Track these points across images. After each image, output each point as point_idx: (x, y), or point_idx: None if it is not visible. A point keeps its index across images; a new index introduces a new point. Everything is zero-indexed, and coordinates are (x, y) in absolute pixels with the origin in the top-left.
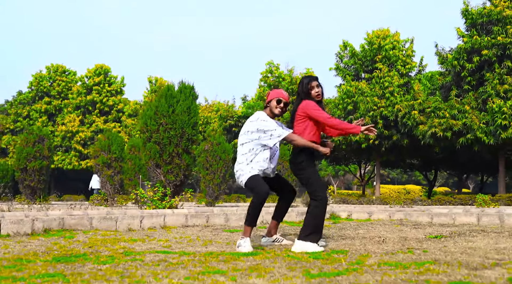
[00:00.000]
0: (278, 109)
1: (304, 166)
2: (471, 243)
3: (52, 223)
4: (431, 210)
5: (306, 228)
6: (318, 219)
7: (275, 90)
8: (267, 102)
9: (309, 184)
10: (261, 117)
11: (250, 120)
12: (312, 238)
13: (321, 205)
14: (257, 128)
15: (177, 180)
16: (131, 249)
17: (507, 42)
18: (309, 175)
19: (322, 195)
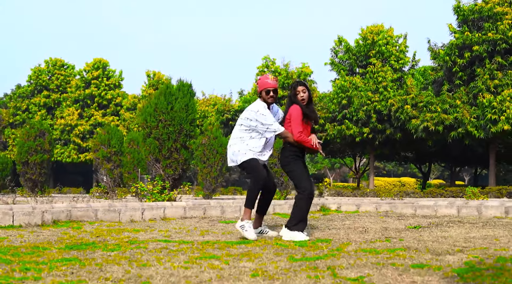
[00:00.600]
0: (270, 99)
1: (290, 160)
2: (445, 232)
3: (60, 215)
4: (418, 202)
5: (292, 218)
6: (303, 210)
7: (261, 80)
8: (259, 93)
9: (293, 177)
10: (260, 111)
11: (251, 109)
12: (299, 227)
13: (305, 196)
14: (256, 119)
15: (175, 173)
16: (135, 238)
17: (497, 39)
18: (294, 169)
19: (305, 187)
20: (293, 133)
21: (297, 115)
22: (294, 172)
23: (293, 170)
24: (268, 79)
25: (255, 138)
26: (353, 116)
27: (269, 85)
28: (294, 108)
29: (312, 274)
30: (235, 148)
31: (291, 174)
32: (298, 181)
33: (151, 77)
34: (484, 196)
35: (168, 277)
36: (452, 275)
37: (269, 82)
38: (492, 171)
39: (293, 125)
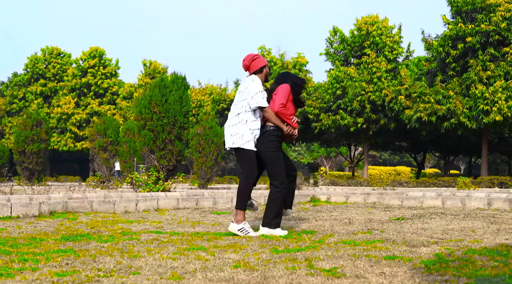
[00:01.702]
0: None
1: (271, 146)
2: (426, 224)
3: (57, 206)
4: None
5: (268, 214)
6: (278, 205)
7: (259, 57)
8: (260, 68)
9: (273, 167)
10: (251, 77)
11: (245, 80)
12: (274, 223)
13: (280, 190)
14: (246, 86)
15: (169, 164)
16: (128, 229)
17: (490, 30)
18: (277, 158)
19: (280, 179)
20: (274, 106)
21: (285, 90)
22: (277, 162)
23: (276, 159)
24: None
25: (249, 113)
26: (347, 106)
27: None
28: (283, 85)
29: (290, 265)
30: (235, 130)
31: (272, 163)
32: (278, 172)
33: (148, 66)
34: (476, 186)
35: (156, 268)
36: (420, 266)
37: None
38: (484, 161)
39: (277, 98)
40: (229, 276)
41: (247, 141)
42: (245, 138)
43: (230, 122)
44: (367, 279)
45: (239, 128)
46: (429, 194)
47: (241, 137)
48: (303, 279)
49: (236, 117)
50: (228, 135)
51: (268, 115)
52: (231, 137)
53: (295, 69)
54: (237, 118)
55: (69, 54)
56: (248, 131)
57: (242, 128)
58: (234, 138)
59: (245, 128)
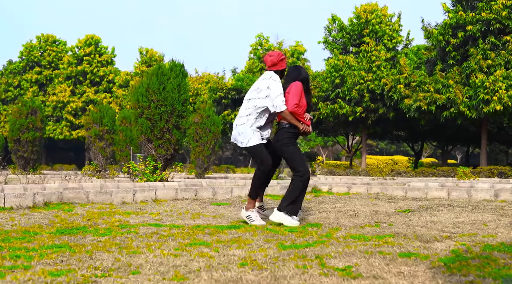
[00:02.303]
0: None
1: (290, 142)
2: (434, 217)
3: (52, 196)
4: (409, 183)
5: (285, 199)
6: (298, 192)
7: (280, 52)
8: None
9: (292, 159)
10: (273, 77)
11: (262, 77)
12: (290, 209)
13: (303, 179)
14: (267, 86)
15: (167, 154)
16: (126, 222)
17: (491, 18)
18: (294, 151)
19: (303, 170)
20: (287, 106)
21: (297, 89)
22: (294, 154)
23: (293, 152)
24: None
25: (261, 115)
26: (346, 95)
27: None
28: (295, 83)
29: (300, 263)
30: (242, 129)
31: (290, 156)
32: (299, 163)
33: (144, 54)
34: (475, 176)
35: (158, 266)
36: (439, 265)
37: None
38: (483, 151)
39: (290, 97)
40: (236, 276)
41: (250, 138)
42: (247, 136)
43: (239, 121)
44: (386, 280)
45: (244, 128)
46: (431, 184)
47: (244, 137)
48: (316, 279)
49: (246, 117)
50: (236, 133)
51: (284, 115)
52: (239, 136)
53: (293, 57)
54: (245, 118)
55: (65, 41)
56: (249, 129)
57: (246, 129)
58: (241, 138)
59: (248, 128)
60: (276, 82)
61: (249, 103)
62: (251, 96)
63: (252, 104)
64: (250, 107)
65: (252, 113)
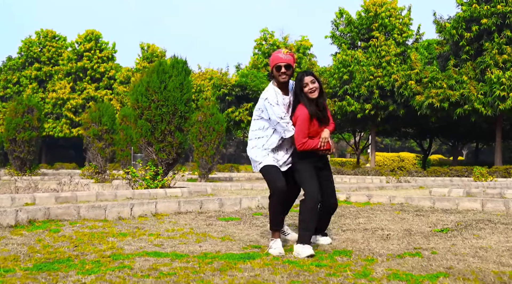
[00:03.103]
0: (282, 76)
1: (298, 159)
2: (481, 240)
3: (37, 213)
4: (430, 188)
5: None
6: (306, 219)
7: (273, 55)
8: (271, 72)
9: (298, 179)
10: (269, 99)
11: (261, 96)
12: (302, 239)
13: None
14: (266, 108)
15: (169, 158)
16: (120, 250)
17: (507, 11)
18: (299, 168)
19: (309, 191)
20: (295, 141)
21: (303, 120)
22: (299, 172)
23: (298, 169)
24: (280, 53)
25: (271, 135)
26: (354, 92)
27: (280, 60)
28: (300, 110)
29: None
30: (254, 152)
31: (297, 178)
32: (303, 186)
33: (145, 50)
34: (492, 177)
35: None
36: None
37: (280, 56)
38: (498, 149)
39: (296, 131)
40: None
41: (260, 162)
42: (258, 159)
43: (250, 144)
44: None
45: (256, 152)
46: (456, 191)
47: (255, 160)
48: None
49: (255, 140)
50: (251, 158)
51: None
52: (252, 161)
53: (299, 53)
54: (255, 141)
55: (65, 37)
56: (262, 151)
57: (257, 152)
58: (254, 163)
59: (260, 150)
60: (272, 106)
61: (256, 124)
62: (255, 117)
63: (259, 125)
64: (257, 129)
65: (260, 134)
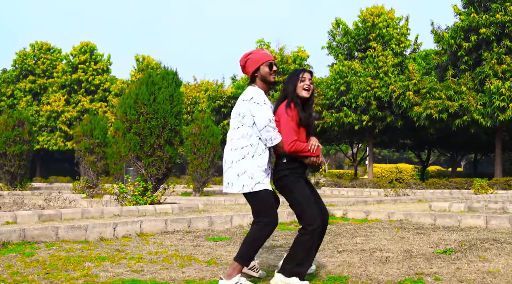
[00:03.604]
0: (273, 75)
1: (288, 180)
2: (487, 263)
3: (12, 235)
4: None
5: (291, 260)
6: (306, 251)
7: (256, 52)
8: (253, 72)
9: (293, 204)
10: (255, 98)
11: (242, 98)
12: (296, 272)
13: (310, 233)
14: (250, 111)
15: (159, 173)
16: (94, 277)
17: (506, 21)
18: (294, 191)
19: (310, 218)
20: (283, 142)
21: (287, 120)
22: (294, 195)
23: (293, 192)
24: (267, 52)
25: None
26: (352, 103)
27: (271, 57)
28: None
29: None
30: (242, 167)
31: (290, 199)
32: (300, 209)
33: (140, 62)
34: (492, 189)
35: None
36: None
37: (267, 53)
38: (498, 161)
39: (283, 130)
40: None
41: (258, 182)
42: (256, 179)
43: (234, 156)
44: None
45: (246, 165)
46: (457, 205)
47: (251, 178)
48: None
49: (240, 150)
50: (234, 176)
51: (280, 149)
52: (238, 178)
53: (295, 64)
54: (241, 151)
55: (59, 49)
56: (257, 169)
57: (250, 166)
58: (243, 179)
59: (253, 165)
60: (259, 106)
61: (238, 132)
62: (235, 125)
63: (241, 133)
64: (240, 137)
65: (246, 144)
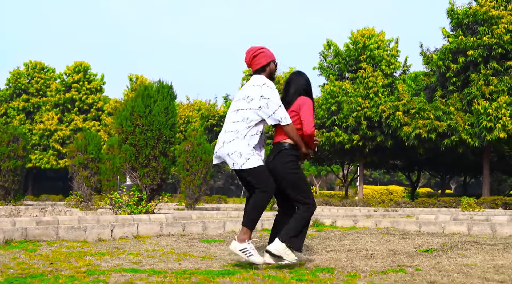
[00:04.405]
0: (275, 74)
1: (294, 167)
2: (466, 258)
3: (14, 233)
4: (417, 216)
5: (289, 230)
6: (303, 224)
7: (268, 50)
8: (264, 65)
9: (299, 188)
10: (268, 84)
11: (252, 84)
12: (294, 242)
13: (310, 211)
14: (261, 95)
15: (153, 183)
16: (96, 266)
17: (493, 43)
18: (301, 177)
19: (313, 200)
20: (303, 125)
21: (310, 106)
22: (301, 181)
23: (300, 178)
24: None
25: (253, 128)
26: (342, 122)
27: (275, 56)
28: (306, 99)
29: None
30: (234, 146)
31: (297, 183)
32: (306, 193)
33: (134, 81)
34: (479, 207)
35: None
36: None
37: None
38: (486, 180)
39: (305, 115)
40: None
41: (248, 158)
42: (244, 156)
43: (227, 137)
44: None
45: (237, 145)
46: (443, 217)
47: (239, 156)
48: None
49: (235, 132)
50: (225, 153)
51: (290, 131)
52: (229, 157)
53: None
54: (235, 133)
55: (53, 69)
56: (246, 147)
57: (240, 145)
58: (235, 157)
59: (243, 144)
60: (273, 90)
61: (237, 115)
62: (239, 106)
63: (242, 116)
64: (240, 120)
65: (242, 127)
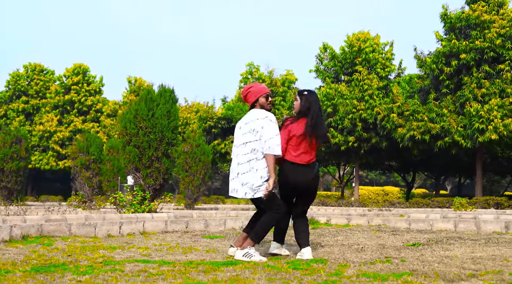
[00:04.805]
0: (269, 105)
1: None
2: (448, 251)
3: (31, 229)
4: (409, 214)
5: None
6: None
7: (256, 86)
8: (254, 102)
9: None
10: (270, 117)
11: (256, 117)
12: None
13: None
14: (263, 126)
15: (156, 183)
16: (111, 257)
17: (485, 47)
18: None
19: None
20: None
21: None
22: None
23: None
24: (264, 86)
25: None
26: (338, 124)
27: (267, 90)
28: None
29: None
30: (246, 179)
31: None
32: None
33: (133, 83)
34: (472, 207)
35: None
36: None
37: (264, 87)
38: (479, 181)
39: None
40: None
41: (259, 190)
42: (256, 188)
43: (240, 169)
44: None
45: (251, 177)
46: (433, 215)
47: (251, 187)
48: None
49: (247, 164)
50: (239, 184)
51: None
52: (242, 187)
53: (284, 86)
54: (248, 165)
55: (53, 71)
56: (259, 180)
57: (253, 177)
58: (246, 188)
59: (256, 177)
60: (272, 122)
61: (246, 147)
62: (247, 139)
63: (251, 148)
64: (249, 152)
65: (253, 158)
